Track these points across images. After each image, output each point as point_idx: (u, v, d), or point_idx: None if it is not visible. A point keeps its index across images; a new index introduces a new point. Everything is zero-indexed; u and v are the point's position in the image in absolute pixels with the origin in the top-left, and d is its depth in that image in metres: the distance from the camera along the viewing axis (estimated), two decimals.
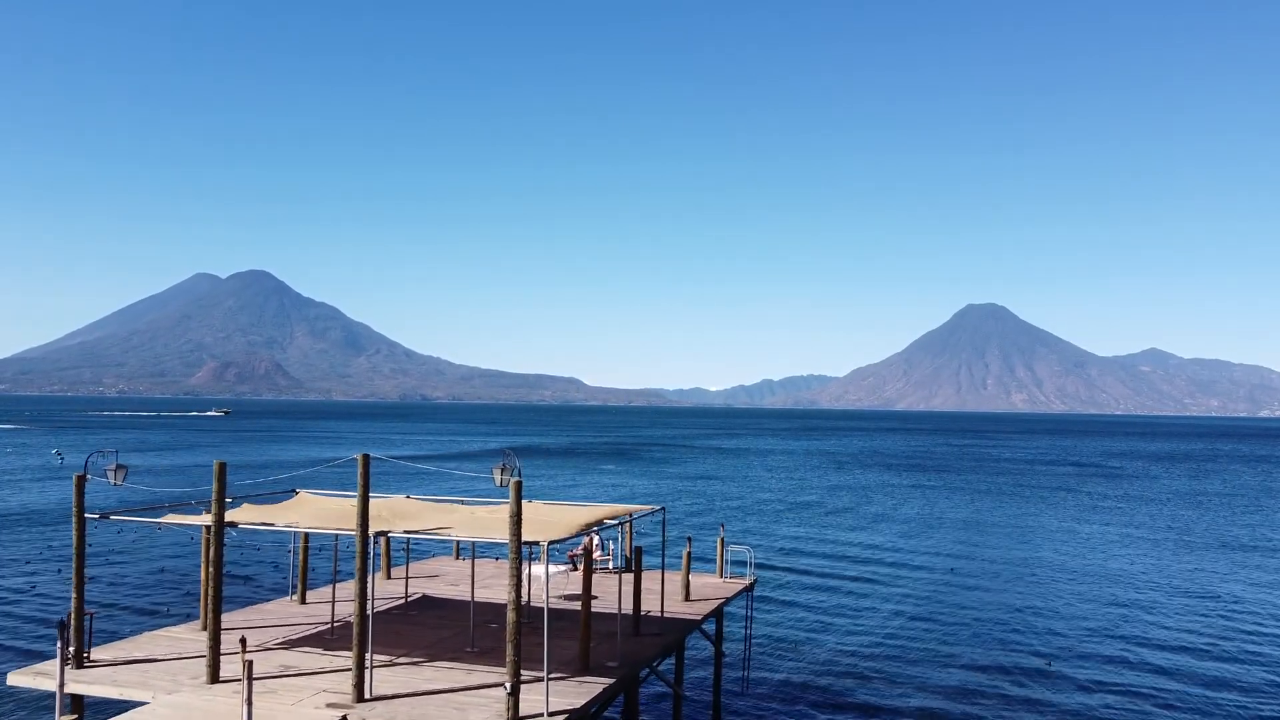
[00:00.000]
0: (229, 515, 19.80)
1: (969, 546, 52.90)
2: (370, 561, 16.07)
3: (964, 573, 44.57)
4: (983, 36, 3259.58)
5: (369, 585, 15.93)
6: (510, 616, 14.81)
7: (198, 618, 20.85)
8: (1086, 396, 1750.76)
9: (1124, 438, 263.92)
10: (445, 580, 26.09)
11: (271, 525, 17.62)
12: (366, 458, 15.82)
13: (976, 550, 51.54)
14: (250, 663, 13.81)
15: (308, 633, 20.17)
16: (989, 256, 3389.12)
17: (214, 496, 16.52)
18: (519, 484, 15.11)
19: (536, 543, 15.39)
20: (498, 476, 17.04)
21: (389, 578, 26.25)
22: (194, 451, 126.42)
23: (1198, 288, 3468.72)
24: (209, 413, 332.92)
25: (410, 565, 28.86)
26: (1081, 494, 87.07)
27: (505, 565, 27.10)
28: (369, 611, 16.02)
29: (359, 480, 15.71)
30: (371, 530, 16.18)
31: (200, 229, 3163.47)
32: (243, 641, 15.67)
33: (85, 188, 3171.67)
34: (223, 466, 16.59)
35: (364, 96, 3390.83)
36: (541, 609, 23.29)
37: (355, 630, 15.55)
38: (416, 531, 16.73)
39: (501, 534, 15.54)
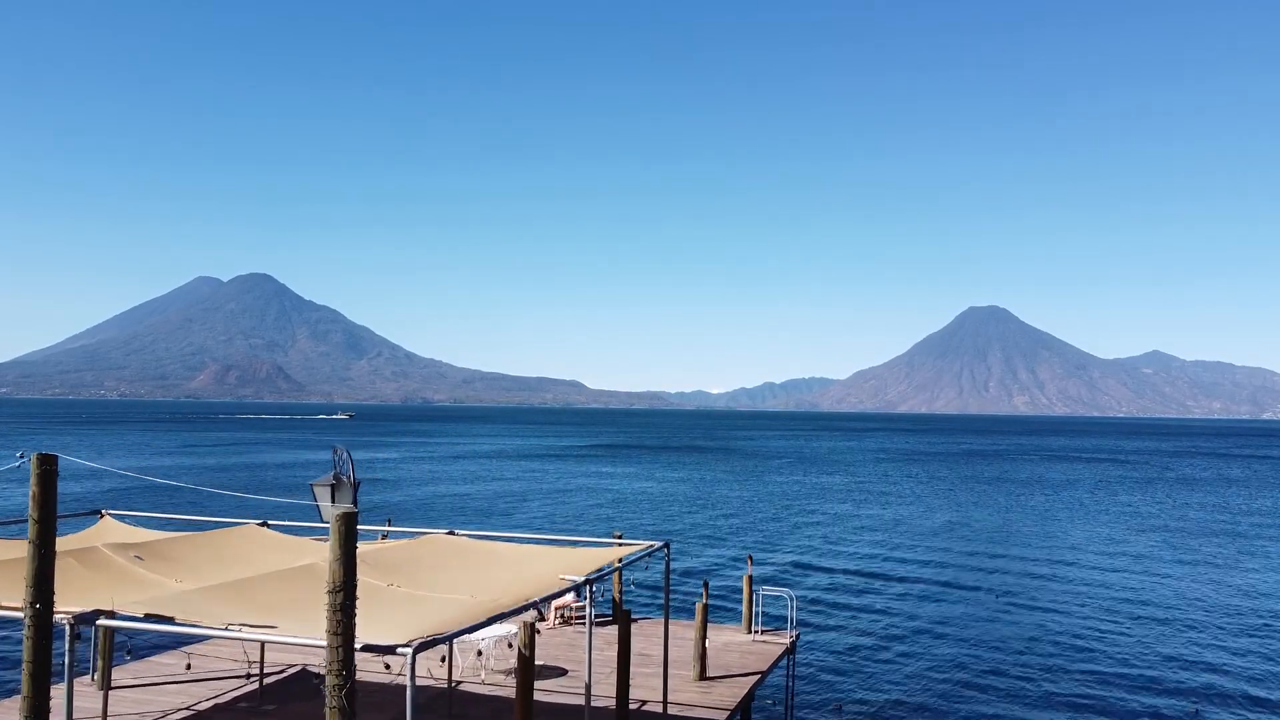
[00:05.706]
0: None
1: (1063, 567, 43.23)
2: (72, 655, 7.97)
3: (1070, 598, 35.77)
4: (984, 36, 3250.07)
5: (71, 691, 7.85)
6: None
7: None
8: (1089, 399, 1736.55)
9: (1138, 438, 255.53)
10: None
11: None
12: (50, 461, 7.65)
13: (1076, 573, 41.69)
14: None
15: None
16: (991, 258, 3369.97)
17: None
18: (350, 519, 6.92)
19: (391, 648, 7.29)
20: (325, 504, 8.83)
21: None
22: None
23: (1200, 290, 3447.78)
24: (335, 416, 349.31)
25: None
26: (1163, 494, 78.79)
27: None
28: None
29: (31, 501, 7.58)
30: (72, 608, 8.01)
31: (201, 232, 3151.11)
32: None
33: (86, 191, 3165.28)
34: None
35: (365, 98, 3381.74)
36: (474, 694, 15.17)
37: None
38: (153, 618, 8.37)
39: (317, 628, 7.39)
